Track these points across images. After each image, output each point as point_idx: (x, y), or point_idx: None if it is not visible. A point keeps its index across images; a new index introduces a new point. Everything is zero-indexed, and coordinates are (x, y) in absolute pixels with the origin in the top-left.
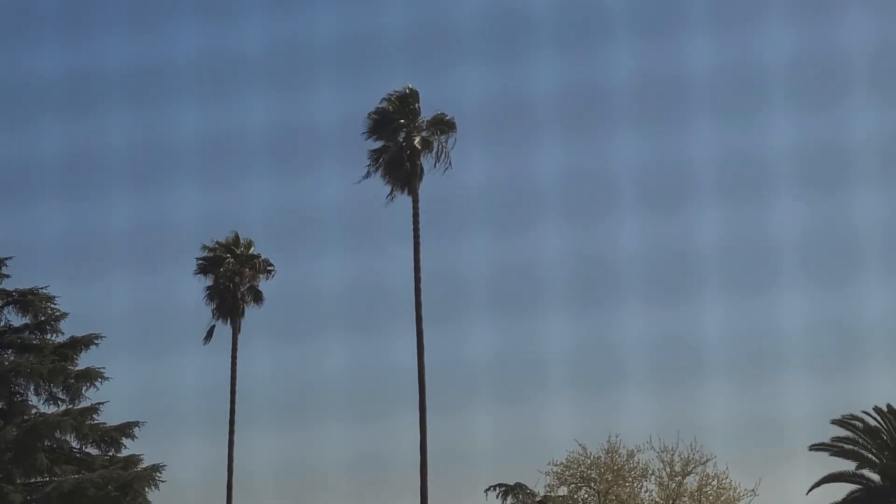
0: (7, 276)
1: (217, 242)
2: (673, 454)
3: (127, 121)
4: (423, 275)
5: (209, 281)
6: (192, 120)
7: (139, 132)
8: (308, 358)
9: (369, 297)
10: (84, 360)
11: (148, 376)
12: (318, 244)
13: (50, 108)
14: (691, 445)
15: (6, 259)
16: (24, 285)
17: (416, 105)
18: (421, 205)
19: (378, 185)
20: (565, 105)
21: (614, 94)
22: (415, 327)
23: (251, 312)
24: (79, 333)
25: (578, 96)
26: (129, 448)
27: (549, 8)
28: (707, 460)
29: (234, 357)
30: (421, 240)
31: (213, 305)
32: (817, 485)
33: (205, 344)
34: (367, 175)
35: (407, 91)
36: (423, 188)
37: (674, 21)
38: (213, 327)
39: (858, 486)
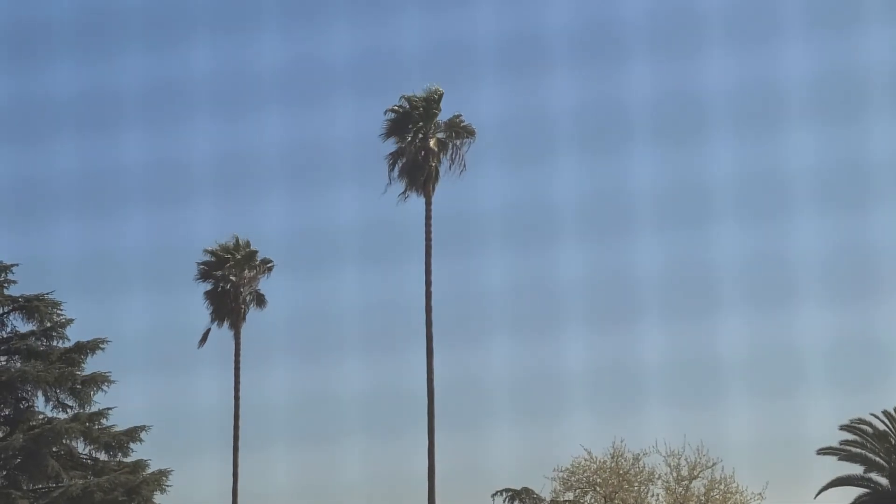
0: (14, 282)
1: (219, 244)
2: (679, 458)
3: (142, 139)
4: (433, 289)
5: (209, 285)
6: (209, 137)
7: (155, 150)
8: (323, 376)
9: (383, 315)
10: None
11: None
12: (335, 259)
13: (66, 126)
14: (698, 449)
15: (12, 266)
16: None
17: (438, 107)
18: (434, 209)
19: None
20: (583, 122)
21: (633, 111)
22: (425, 346)
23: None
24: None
25: (596, 113)
26: (138, 452)
27: (567, 26)
28: (714, 464)
29: (237, 362)
30: (433, 244)
31: (213, 308)
32: (825, 488)
33: (199, 347)
34: (390, 182)
35: (435, 95)
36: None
37: (693, 38)
38: (208, 330)
39: (867, 490)
